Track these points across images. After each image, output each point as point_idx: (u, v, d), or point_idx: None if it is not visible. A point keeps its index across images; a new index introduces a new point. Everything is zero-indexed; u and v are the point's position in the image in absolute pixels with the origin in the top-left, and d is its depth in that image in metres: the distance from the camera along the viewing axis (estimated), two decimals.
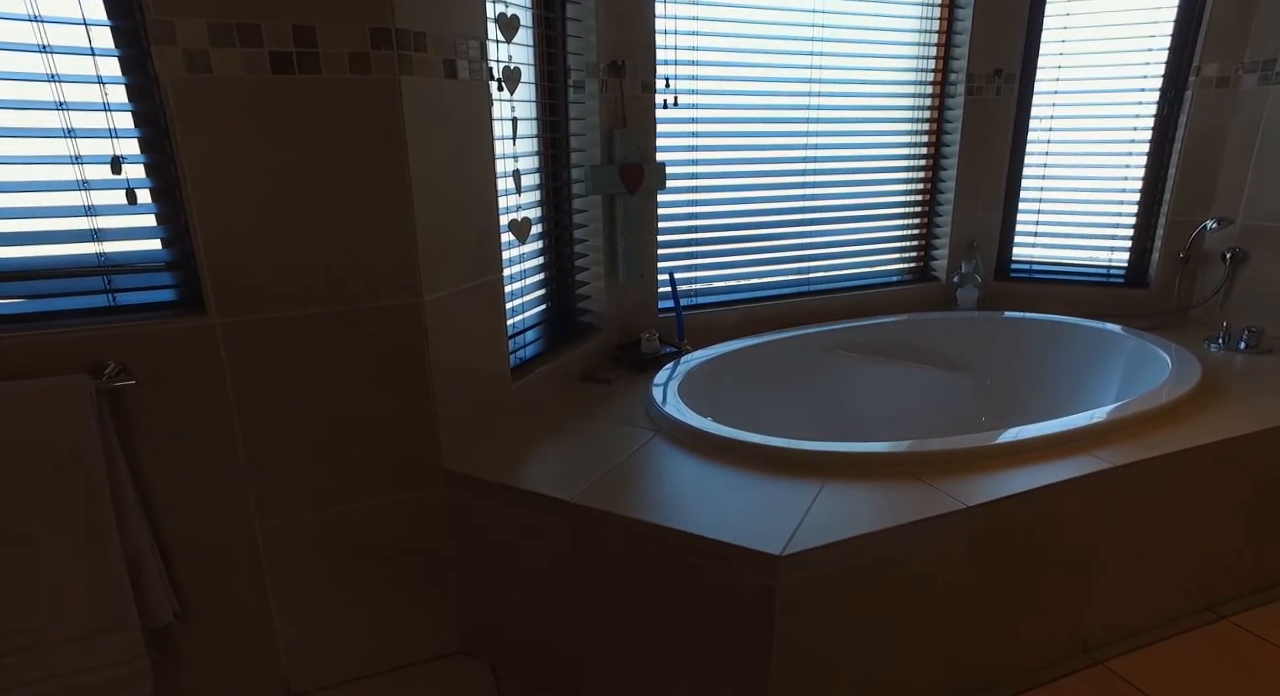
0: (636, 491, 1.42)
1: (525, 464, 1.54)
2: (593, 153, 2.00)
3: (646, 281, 2.19)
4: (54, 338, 1.22)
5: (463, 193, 1.51)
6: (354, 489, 1.49)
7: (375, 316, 1.41)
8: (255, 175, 1.27)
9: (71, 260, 1.27)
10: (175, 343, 1.29)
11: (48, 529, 1.23)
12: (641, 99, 2.03)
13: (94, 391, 1.21)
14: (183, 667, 1.47)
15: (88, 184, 1.23)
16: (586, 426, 1.73)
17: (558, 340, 2.03)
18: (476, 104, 1.51)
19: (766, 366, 2.21)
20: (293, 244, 1.32)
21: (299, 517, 1.46)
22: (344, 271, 1.37)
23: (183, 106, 1.20)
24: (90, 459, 1.22)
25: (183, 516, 1.38)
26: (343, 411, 1.44)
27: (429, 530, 1.57)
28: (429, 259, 1.44)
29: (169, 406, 1.32)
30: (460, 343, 1.55)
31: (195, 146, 1.22)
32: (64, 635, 1.27)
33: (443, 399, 1.52)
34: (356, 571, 1.54)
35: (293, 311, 1.35)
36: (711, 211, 2.28)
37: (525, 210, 1.79)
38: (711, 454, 1.56)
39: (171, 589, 1.39)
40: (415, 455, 1.52)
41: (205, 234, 1.27)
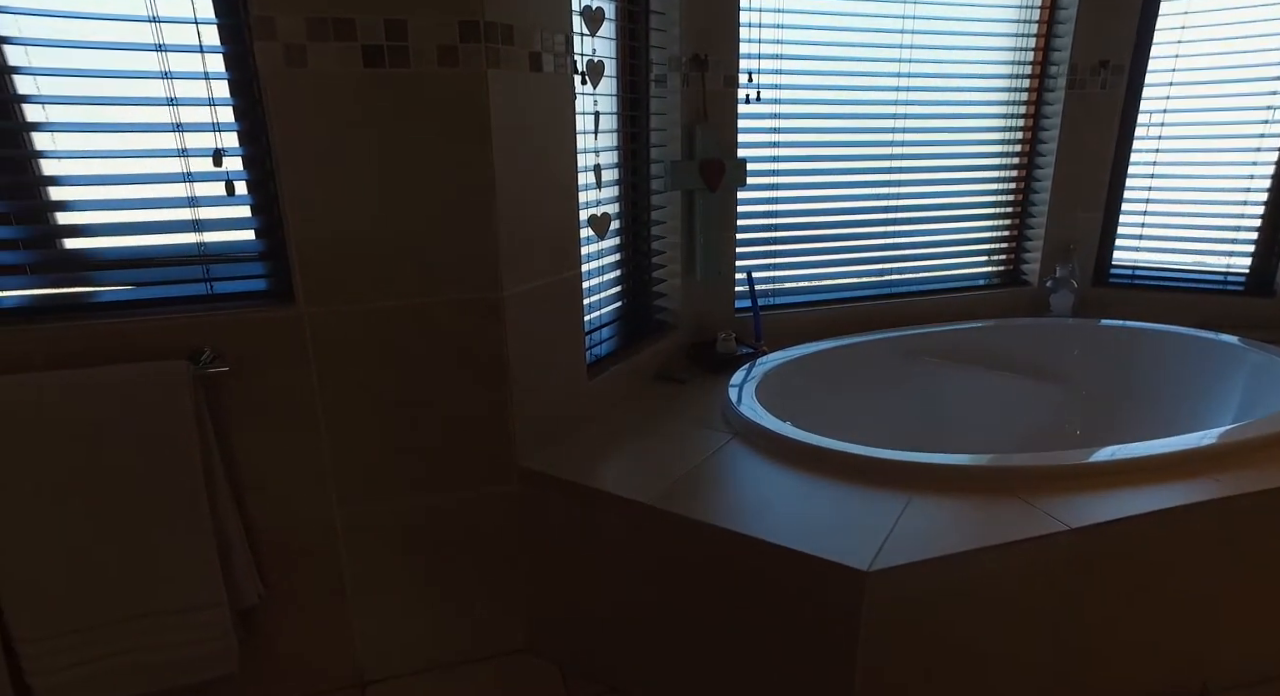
0: (715, 496, 1.38)
1: (601, 463, 1.52)
2: (673, 148, 1.97)
3: (724, 280, 2.15)
4: (156, 324, 1.26)
5: (545, 187, 1.50)
6: (429, 481, 1.50)
7: (456, 309, 1.41)
8: (344, 168, 1.28)
9: (173, 250, 1.31)
10: (266, 331, 1.32)
11: (147, 506, 1.27)
12: (724, 93, 1.98)
13: (191, 376, 1.24)
14: (263, 647, 1.50)
15: (191, 176, 1.27)
16: (662, 426, 1.70)
17: (633, 338, 2.00)
18: (560, 97, 1.50)
19: (845, 371, 2.13)
20: (378, 236, 1.33)
21: (376, 507, 1.48)
22: (427, 264, 1.37)
23: (278, 100, 1.22)
24: (185, 441, 1.26)
25: (267, 500, 1.41)
26: (421, 404, 1.45)
27: (502, 526, 1.57)
28: (510, 253, 1.43)
29: (258, 393, 1.35)
30: (538, 338, 1.54)
31: (288, 139, 1.24)
32: (162, 608, 1.32)
33: (519, 394, 1.51)
34: (430, 563, 1.55)
35: (376, 303, 1.36)
36: (792, 209, 2.22)
37: (604, 205, 1.77)
38: (791, 460, 1.51)
39: (256, 571, 1.42)
40: (490, 450, 1.51)
41: (295, 225, 1.29)
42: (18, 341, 1.21)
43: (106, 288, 1.30)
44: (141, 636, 1.32)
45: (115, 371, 1.22)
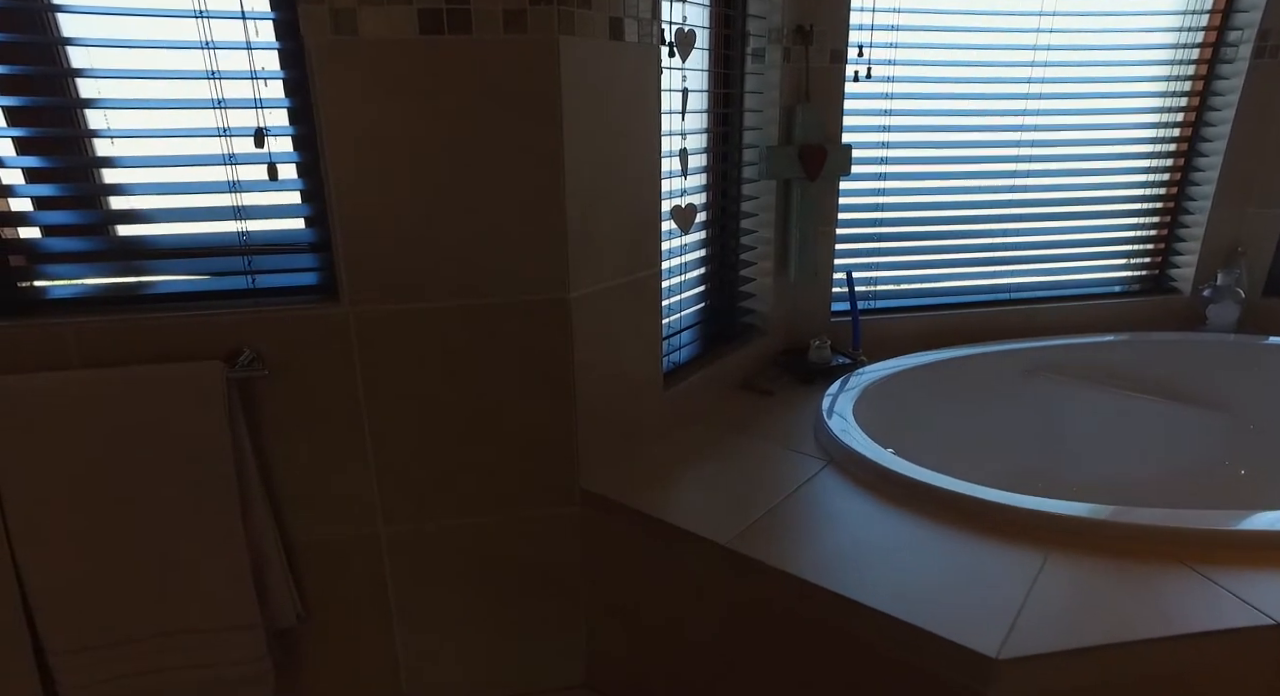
0: (801, 540, 1.17)
1: (673, 489, 1.34)
2: (769, 131, 1.75)
3: (820, 280, 1.92)
4: (194, 320, 1.16)
5: (622, 174, 1.31)
6: (483, 500, 1.35)
7: (517, 311, 1.25)
8: (394, 150, 1.14)
9: (214, 239, 1.20)
10: (308, 330, 1.20)
11: (179, 517, 1.17)
12: (829, 71, 1.75)
13: (225, 380, 1.13)
14: (303, 669, 1.40)
15: (234, 158, 1.16)
16: (745, 446, 1.50)
17: (716, 343, 1.81)
18: (643, 71, 1.31)
19: (955, 388, 1.87)
20: (431, 227, 1.18)
21: (424, 525, 1.35)
22: (485, 260, 1.22)
23: (325, 73, 1.08)
24: (218, 448, 1.15)
25: (308, 515, 1.30)
26: (475, 414, 1.30)
27: (561, 552, 1.41)
28: (580, 249, 1.26)
29: (299, 397, 1.23)
30: (609, 344, 1.37)
31: (334, 117, 1.11)
32: (194, 626, 1.23)
33: (585, 406, 1.34)
34: (482, 588, 1.41)
35: (428, 302, 1.22)
36: (901, 202, 1.96)
37: (690, 195, 1.57)
38: (895, 497, 1.29)
39: (295, 590, 1.32)
40: (551, 467, 1.36)
41: (341, 213, 1.15)
42: (54, 335, 1.13)
43: (146, 278, 1.21)
44: (174, 654, 1.24)
45: (148, 371, 1.12)
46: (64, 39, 1.13)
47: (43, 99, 1.15)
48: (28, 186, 1.17)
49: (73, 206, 1.20)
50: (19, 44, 1.11)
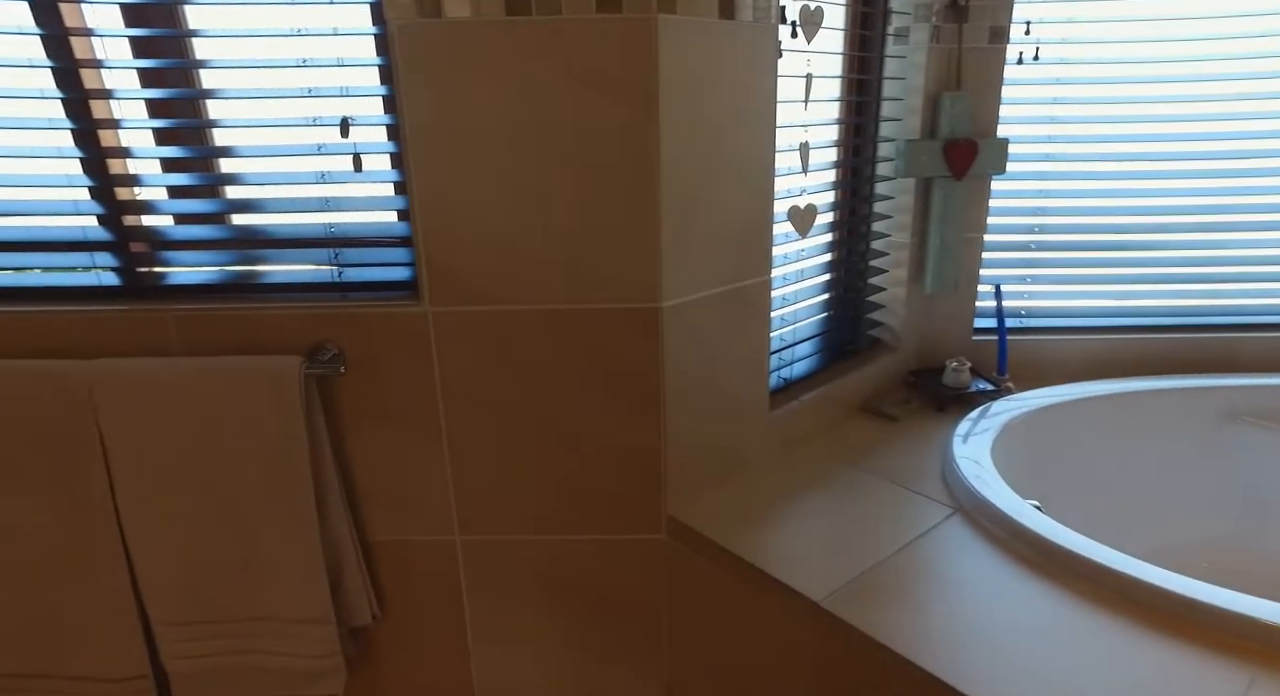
0: (913, 607, 0.99)
1: (768, 527, 1.19)
2: (910, 123, 1.54)
3: (962, 293, 1.68)
4: (280, 312, 1.14)
5: (729, 170, 1.17)
6: (560, 518, 1.26)
7: (604, 319, 1.15)
8: (477, 140, 1.06)
9: (303, 231, 1.18)
10: (388, 328, 1.15)
11: (258, 508, 1.17)
12: (987, 52, 1.51)
13: (303, 375, 1.10)
14: (377, 668, 1.38)
15: (323, 149, 1.12)
16: (858, 482, 1.32)
17: (835, 358, 1.62)
18: (759, 55, 1.16)
19: (1127, 429, 1.57)
20: (513, 224, 1.10)
21: (499, 538, 1.28)
22: (570, 262, 1.12)
23: (407, 58, 1.02)
24: (295, 445, 1.13)
25: (385, 516, 1.27)
26: (555, 426, 1.21)
27: (643, 580, 1.30)
28: (675, 254, 1.13)
29: (377, 397, 1.19)
30: (706, 358, 1.24)
31: (416, 105, 1.04)
32: (273, 614, 1.23)
33: (675, 426, 1.22)
34: (558, 606, 1.33)
35: (509, 305, 1.14)
36: (1068, 206, 1.68)
37: (811, 195, 1.40)
38: (1039, 566, 1.07)
39: (371, 589, 1.29)
40: (636, 490, 1.24)
41: (422, 207, 1.09)
42: (158, 321, 1.15)
43: (242, 268, 1.21)
44: (256, 638, 1.24)
45: (231, 362, 1.11)
46: (192, 31, 1.14)
47: (175, 90, 1.16)
48: (152, 176, 1.19)
49: (187, 196, 1.22)
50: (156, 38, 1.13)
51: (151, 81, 1.16)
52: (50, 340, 1.15)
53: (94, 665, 1.25)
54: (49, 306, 1.15)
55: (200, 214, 1.21)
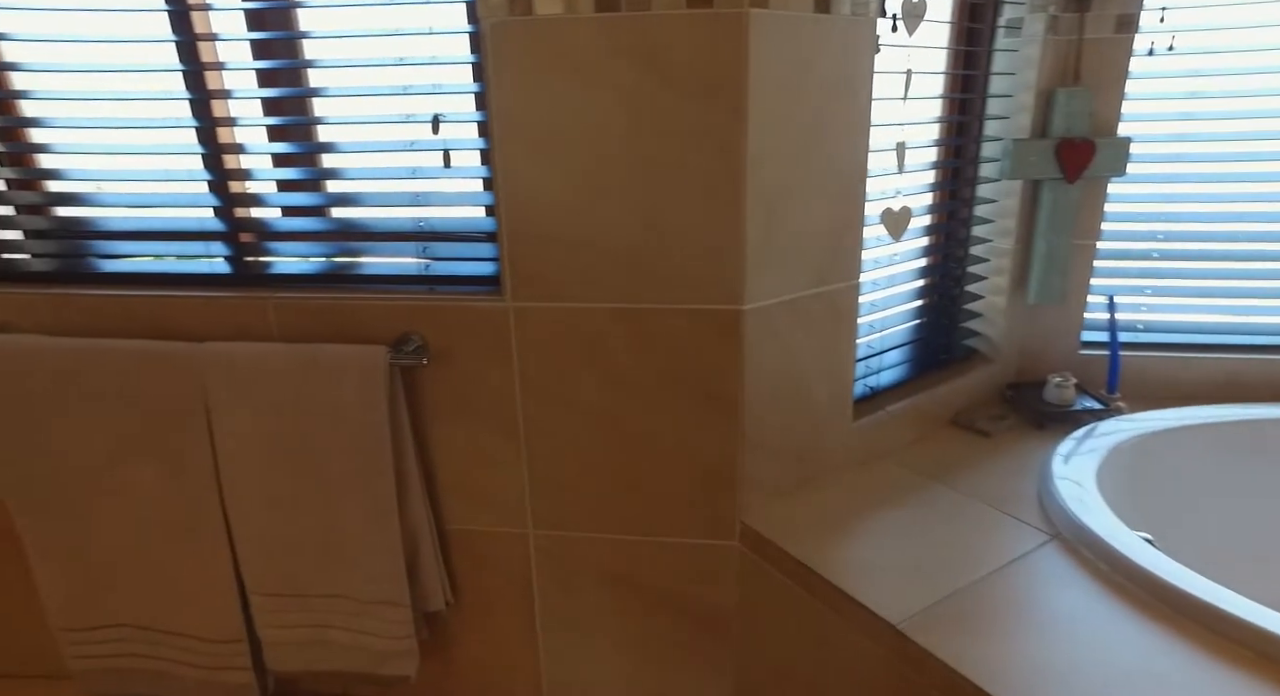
0: (1001, 638, 0.93)
1: (846, 541, 1.15)
2: (1018, 121, 1.45)
3: (1071, 304, 1.57)
4: (370, 303, 1.18)
5: (819, 170, 1.13)
6: (634, 517, 1.26)
7: (684, 320, 1.13)
8: (562, 137, 1.06)
9: (393, 224, 1.22)
10: (471, 321, 1.17)
11: (344, 493, 1.22)
12: (1111, 43, 1.40)
13: (387, 365, 1.14)
14: (450, 653, 1.42)
15: (415, 145, 1.16)
16: (945, 500, 1.25)
17: (926, 368, 1.55)
18: (854, 49, 1.11)
19: (1254, 460, 1.43)
20: (597, 222, 1.10)
21: (572, 533, 1.28)
22: (652, 262, 1.11)
23: (497, 55, 1.03)
24: (378, 433, 1.17)
25: (462, 506, 1.29)
26: (630, 426, 1.20)
27: (714, 586, 1.28)
28: (760, 256, 1.10)
29: (457, 389, 1.22)
30: (787, 363, 1.20)
31: (504, 102, 1.06)
32: (352, 594, 1.28)
33: (753, 431, 1.19)
34: (627, 606, 1.32)
35: (589, 303, 1.14)
36: (1197, 212, 1.54)
37: (906, 196, 1.34)
38: (1145, 604, 0.98)
39: (446, 576, 1.32)
40: (710, 495, 1.22)
41: (507, 202, 1.11)
42: (259, 307, 1.21)
43: (338, 259, 1.26)
44: (336, 615, 1.30)
45: (322, 350, 1.16)
46: (303, 33, 1.20)
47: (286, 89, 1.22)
48: (261, 170, 1.26)
49: (292, 190, 1.28)
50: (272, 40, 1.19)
51: (266, 82, 1.22)
52: (168, 322, 1.24)
53: (197, 624, 1.33)
54: (169, 291, 1.24)
55: (302, 207, 1.27)
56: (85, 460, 1.25)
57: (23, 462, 1.27)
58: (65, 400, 1.22)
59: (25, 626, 1.45)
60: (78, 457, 1.25)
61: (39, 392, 1.22)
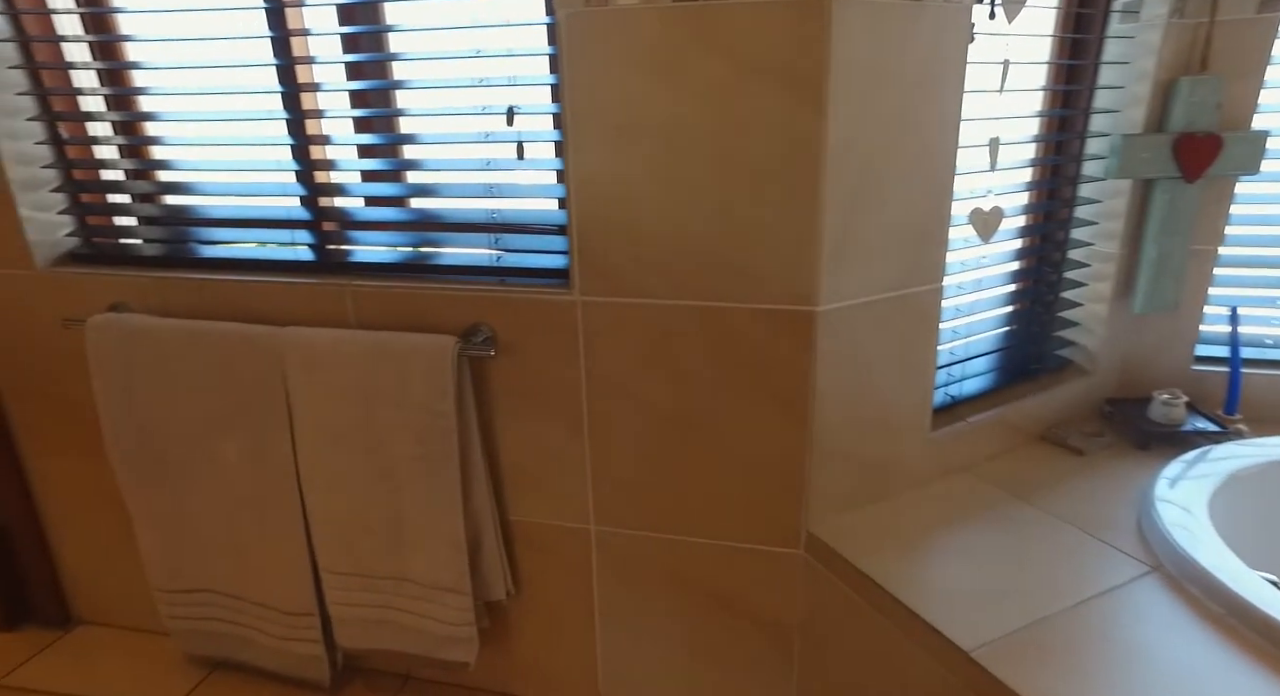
0: (1089, 678, 0.85)
1: (919, 558, 1.09)
2: (1130, 115, 1.33)
3: (1183, 314, 1.44)
4: (442, 292, 1.20)
5: (903, 166, 1.07)
6: (694, 520, 1.23)
7: (755, 319, 1.10)
8: (635, 130, 1.04)
9: (467, 215, 1.23)
10: (539, 314, 1.17)
11: (410, 479, 1.24)
12: (1249, 25, 1.27)
13: (456, 355, 1.15)
14: (510, 642, 1.43)
15: (490, 137, 1.16)
16: (1030, 521, 1.17)
17: (1015, 377, 1.45)
18: (947, 38, 1.05)
19: None
20: (669, 216, 1.07)
21: (632, 533, 1.27)
22: (724, 259, 1.08)
23: (573, 46, 1.02)
24: (444, 421, 1.18)
25: (525, 498, 1.30)
26: (696, 425, 1.17)
27: (777, 596, 1.24)
28: (837, 256, 1.06)
29: (524, 382, 1.22)
30: (862, 368, 1.15)
31: (579, 94, 1.05)
32: (415, 578, 1.30)
33: (823, 437, 1.14)
34: (688, 610, 1.30)
35: (657, 300, 1.12)
36: None
37: (998, 196, 1.26)
38: (1268, 656, 0.88)
39: (507, 566, 1.33)
40: (775, 500, 1.18)
41: (578, 195, 1.10)
42: (337, 294, 1.25)
43: (413, 249, 1.28)
44: (399, 598, 1.33)
45: (393, 338, 1.18)
46: (388, 27, 1.23)
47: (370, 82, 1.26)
48: (345, 161, 1.30)
49: (373, 181, 1.32)
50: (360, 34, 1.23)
51: (354, 75, 1.26)
52: (255, 306, 1.30)
53: (273, 595, 1.39)
54: (257, 277, 1.29)
55: (382, 197, 1.30)
56: (180, 434, 1.33)
57: (129, 434, 1.35)
58: (165, 377, 1.30)
59: (142, 584, 1.54)
60: (174, 432, 1.33)
61: (144, 369, 1.30)
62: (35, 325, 1.43)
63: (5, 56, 1.31)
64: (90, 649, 1.63)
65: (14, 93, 1.33)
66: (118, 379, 1.32)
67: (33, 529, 1.62)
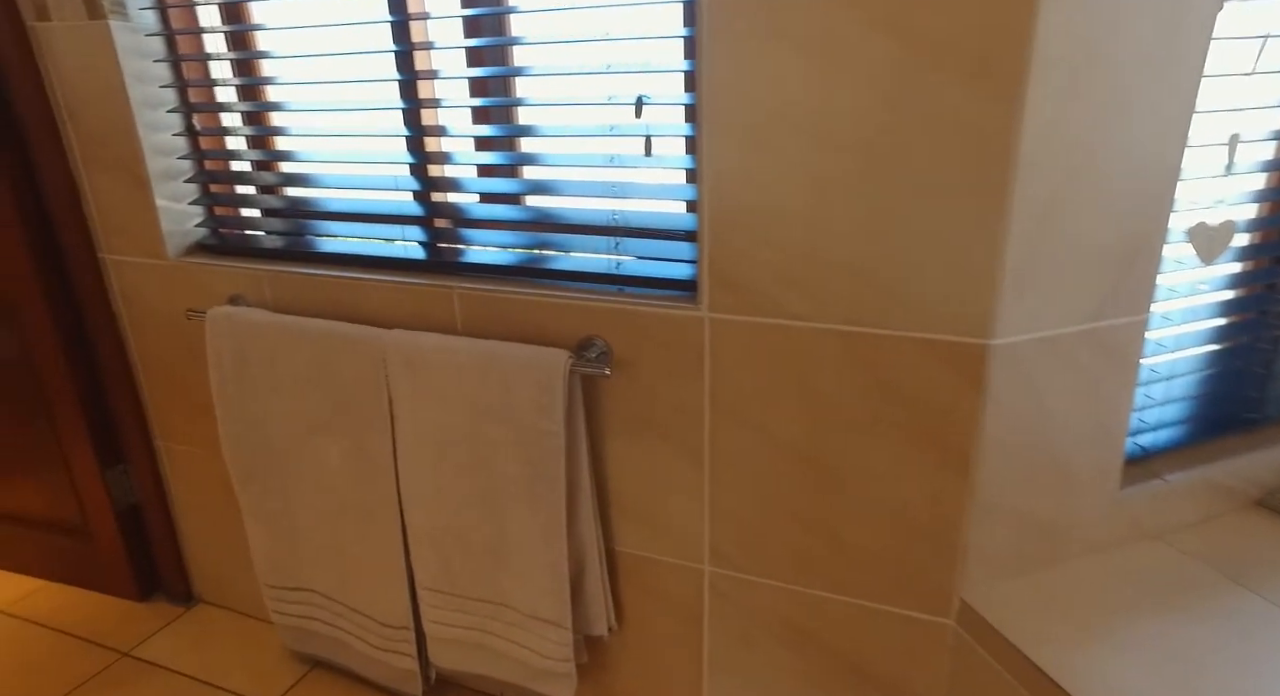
0: None
1: (1098, 646, 0.89)
2: None
3: None
4: (554, 300, 1.10)
5: (1112, 170, 0.87)
6: (828, 571, 1.08)
7: (912, 350, 0.93)
8: (783, 126, 0.90)
9: (586, 216, 1.12)
10: (660, 329, 1.05)
11: (512, 499, 1.15)
12: None
13: (568, 371, 1.05)
14: (608, 682, 1.32)
15: (615, 130, 1.05)
16: (1245, 607, 0.94)
17: (1226, 429, 1.20)
18: (1179, 16, 0.83)
19: None
20: (819, 226, 0.92)
21: (751, 580, 1.13)
22: (882, 278, 0.91)
23: (715, 28, 0.89)
24: (551, 441, 1.08)
25: (635, 529, 1.19)
26: (834, 466, 1.02)
27: (916, 669, 1.07)
28: (1020, 278, 0.87)
29: (640, 403, 1.10)
30: (1041, 411, 0.96)
31: (719, 81, 0.91)
32: (513, 604, 1.22)
33: (986, 491, 0.96)
34: (809, 671, 1.15)
35: (797, 321, 0.97)
36: None
37: (1230, 206, 1.02)
38: None
39: (611, 600, 1.22)
40: (923, 559, 1.01)
41: (712, 198, 0.96)
42: (444, 296, 1.17)
43: (526, 251, 1.19)
44: (495, 623, 1.25)
45: (503, 348, 1.09)
46: (510, 9, 1.14)
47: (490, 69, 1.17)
48: (460, 154, 1.22)
49: (489, 176, 1.24)
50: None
51: (473, 62, 1.18)
52: (362, 303, 1.24)
53: (369, 605, 1.35)
54: (367, 274, 1.24)
55: (496, 193, 1.21)
56: (286, 433, 1.30)
57: (240, 428, 1.34)
58: (273, 374, 1.27)
59: (255, 573, 1.56)
60: (281, 429, 1.30)
61: (255, 365, 1.28)
62: (166, 313, 1.46)
63: (153, 50, 1.32)
64: (207, 630, 1.66)
65: (158, 86, 1.34)
66: (231, 372, 1.31)
67: (162, 508, 1.67)
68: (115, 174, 1.38)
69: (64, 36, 1.30)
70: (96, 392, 1.58)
